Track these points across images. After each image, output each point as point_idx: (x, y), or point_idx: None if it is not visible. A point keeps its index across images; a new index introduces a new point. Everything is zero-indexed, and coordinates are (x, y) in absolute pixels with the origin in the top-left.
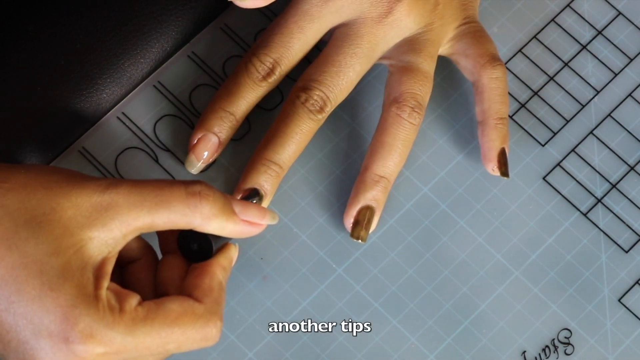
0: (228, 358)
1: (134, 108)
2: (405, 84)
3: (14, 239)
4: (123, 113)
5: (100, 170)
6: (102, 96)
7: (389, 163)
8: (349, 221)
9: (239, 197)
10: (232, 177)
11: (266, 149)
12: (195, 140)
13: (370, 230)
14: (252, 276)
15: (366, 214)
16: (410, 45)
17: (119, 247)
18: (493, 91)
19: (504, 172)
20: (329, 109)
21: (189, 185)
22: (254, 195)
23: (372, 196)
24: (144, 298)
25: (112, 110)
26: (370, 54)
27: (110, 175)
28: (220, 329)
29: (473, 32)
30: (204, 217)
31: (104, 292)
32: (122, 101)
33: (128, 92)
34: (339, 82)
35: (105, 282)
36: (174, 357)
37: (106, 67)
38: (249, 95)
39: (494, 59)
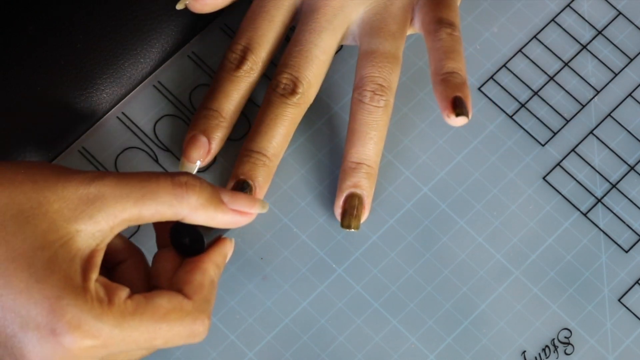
0: (228, 358)
1: (134, 108)
2: (363, 68)
3: (1, 233)
4: (123, 113)
5: (100, 170)
6: (102, 96)
7: (361, 149)
8: (337, 212)
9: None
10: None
11: (248, 139)
12: (185, 143)
13: (363, 220)
14: (252, 276)
15: (353, 201)
16: (370, 26)
17: (107, 240)
18: (437, 51)
19: (459, 112)
20: (303, 90)
21: (175, 176)
22: (241, 187)
23: (353, 183)
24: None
25: (112, 110)
26: (329, 26)
27: None
28: (208, 327)
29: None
30: (191, 207)
31: (92, 284)
32: (122, 101)
33: (128, 92)
34: (305, 61)
35: (94, 274)
36: (174, 356)
37: (106, 67)
38: (228, 89)
39: (440, 23)
